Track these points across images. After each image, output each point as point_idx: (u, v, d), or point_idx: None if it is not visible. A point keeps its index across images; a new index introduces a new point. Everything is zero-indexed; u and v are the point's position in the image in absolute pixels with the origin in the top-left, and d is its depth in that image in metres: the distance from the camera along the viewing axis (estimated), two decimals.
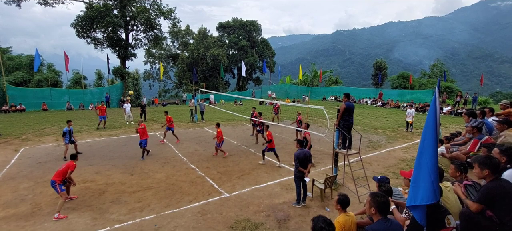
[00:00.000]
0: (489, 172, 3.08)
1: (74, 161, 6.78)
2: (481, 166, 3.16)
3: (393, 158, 10.51)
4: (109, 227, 5.67)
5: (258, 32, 53.86)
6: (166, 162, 10.02)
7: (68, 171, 6.44)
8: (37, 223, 5.83)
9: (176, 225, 5.77)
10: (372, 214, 3.12)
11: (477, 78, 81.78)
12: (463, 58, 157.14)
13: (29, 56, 33.50)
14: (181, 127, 17.09)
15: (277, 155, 9.63)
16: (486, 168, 3.09)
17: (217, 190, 7.53)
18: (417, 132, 15.48)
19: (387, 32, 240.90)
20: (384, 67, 43.92)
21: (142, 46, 37.23)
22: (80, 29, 31.26)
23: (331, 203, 6.71)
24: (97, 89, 33.81)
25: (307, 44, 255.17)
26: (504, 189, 2.94)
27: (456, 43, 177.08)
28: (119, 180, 8.26)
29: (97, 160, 10.13)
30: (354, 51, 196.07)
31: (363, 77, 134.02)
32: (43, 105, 25.60)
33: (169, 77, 51.37)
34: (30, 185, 7.84)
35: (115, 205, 6.62)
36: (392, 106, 28.04)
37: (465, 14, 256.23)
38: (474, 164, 3.27)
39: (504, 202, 2.90)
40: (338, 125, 7.40)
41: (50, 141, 12.96)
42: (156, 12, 35.14)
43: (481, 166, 3.16)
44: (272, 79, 52.85)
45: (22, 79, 30.88)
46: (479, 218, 3.02)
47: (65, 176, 6.41)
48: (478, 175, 3.22)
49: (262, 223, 5.83)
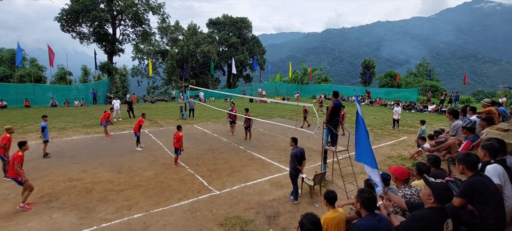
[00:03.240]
0: (464, 168, 3.22)
1: (20, 151, 6.29)
2: (458, 161, 3.31)
3: (380, 154, 10.74)
4: (96, 226, 5.57)
5: (249, 29, 53.70)
6: (154, 159, 9.90)
7: (15, 163, 6.08)
8: (20, 222, 5.66)
9: (165, 223, 5.72)
10: (360, 209, 3.19)
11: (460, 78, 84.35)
12: (448, 58, 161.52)
13: (10, 50, 32.16)
14: (171, 124, 16.90)
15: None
16: (461, 164, 3.24)
17: (207, 188, 7.51)
18: (403, 129, 15.87)
19: (375, 31, 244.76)
20: (372, 66, 44.67)
21: (130, 41, 36.57)
22: (65, 23, 30.35)
23: (321, 199, 6.81)
24: (83, 86, 32.93)
25: (297, 42, 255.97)
26: (483, 183, 3.06)
27: (441, 43, 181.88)
28: (107, 178, 8.11)
29: (83, 158, 9.90)
30: (343, 49, 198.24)
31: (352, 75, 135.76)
32: (26, 102, 24.67)
33: (158, 74, 50.54)
34: (12, 184, 7.53)
35: (103, 204, 6.50)
36: (379, 104, 28.61)
37: (450, 15, 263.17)
38: (456, 161, 3.40)
39: (484, 196, 3.02)
40: (327, 123, 7.51)
41: (33, 138, 12.54)
42: (145, 7, 34.53)
43: (458, 161, 3.31)
44: (262, 76, 52.85)
45: (3, 75, 29.67)
46: (460, 213, 3.14)
47: (14, 168, 6.07)
48: (460, 171, 3.35)
49: (252, 220, 5.86)
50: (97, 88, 30.98)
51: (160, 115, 20.48)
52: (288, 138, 13.10)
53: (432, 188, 2.68)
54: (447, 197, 2.71)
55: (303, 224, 2.97)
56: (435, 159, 4.60)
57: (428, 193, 2.70)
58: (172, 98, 35.97)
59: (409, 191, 3.69)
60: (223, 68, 54.27)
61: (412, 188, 3.74)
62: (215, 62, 43.46)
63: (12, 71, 29.50)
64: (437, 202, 2.66)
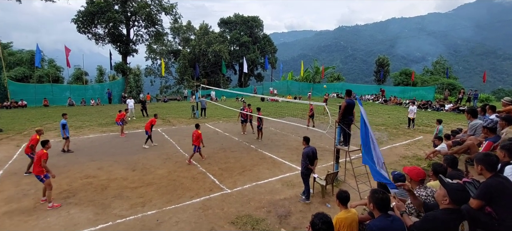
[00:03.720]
0: (482, 168, 3.10)
1: (44, 149, 6.50)
2: (477, 161, 3.19)
3: (395, 155, 10.51)
4: (112, 222, 5.72)
5: (260, 28, 53.57)
6: (167, 158, 10.07)
7: (42, 160, 6.28)
8: (40, 217, 5.89)
9: (177, 220, 5.81)
10: (372, 210, 3.13)
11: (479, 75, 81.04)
12: (466, 55, 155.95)
13: (30, 51, 33.50)
14: (183, 123, 17.13)
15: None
16: (481, 164, 3.12)
17: (218, 186, 7.57)
18: (419, 128, 15.46)
19: (389, 28, 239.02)
20: (387, 64, 43.72)
21: (143, 42, 37.22)
22: (81, 25, 31.24)
23: (333, 199, 6.74)
24: (98, 85, 33.88)
25: (309, 40, 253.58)
26: (503, 185, 2.95)
27: (459, 40, 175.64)
28: (121, 175, 8.32)
29: (99, 156, 10.19)
30: (357, 47, 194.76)
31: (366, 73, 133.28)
32: (45, 101, 25.66)
33: (170, 73, 51.31)
34: (32, 180, 7.85)
35: (118, 200, 6.67)
36: (394, 103, 27.97)
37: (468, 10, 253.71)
38: (475, 161, 3.29)
39: (503, 198, 2.90)
40: (339, 122, 7.42)
41: (51, 136, 13.01)
42: (157, 8, 35.06)
43: (477, 161, 3.19)
44: (273, 75, 52.70)
45: (23, 75, 30.94)
46: (478, 215, 3.03)
47: (40, 165, 6.28)
48: (478, 172, 3.24)
49: (263, 219, 5.86)
50: (112, 88, 31.81)
51: (173, 114, 20.80)
52: (299, 137, 13.04)
53: (448, 189, 2.60)
54: (463, 198, 2.63)
55: (314, 223, 2.94)
56: (452, 159, 4.46)
57: (443, 194, 2.62)
58: (184, 97, 36.44)
59: (424, 192, 3.59)
60: (235, 68, 54.44)
61: (428, 189, 3.64)
62: (226, 61, 43.70)
63: (31, 71, 30.71)
64: (453, 203, 2.58)
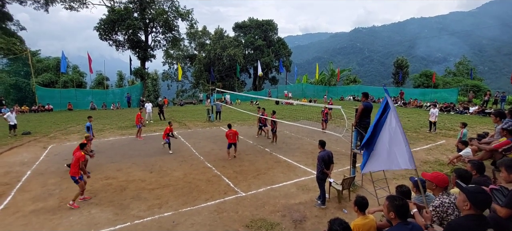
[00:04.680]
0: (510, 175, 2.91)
1: (82, 151, 6.82)
2: (508, 169, 2.98)
3: (415, 159, 10.00)
4: (130, 222, 5.87)
5: (274, 31, 53.68)
6: (183, 160, 10.23)
7: (80, 162, 6.58)
8: (64, 216, 6.14)
9: (193, 222, 5.88)
10: (391, 218, 3.01)
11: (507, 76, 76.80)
12: (492, 55, 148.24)
13: (56, 58, 35.41)
14: (198, 126, 17.39)
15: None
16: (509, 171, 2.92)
17: (233, 189, 7.59)
18: (441, 132, 14.83)
19: (408, 29, 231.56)
20: (406, 65, 42.37)
21: (160, 47, 38.29)
22: (103, 32, 32.62)
23: (349, 204, 6.58)
24: (118, 90, 35.13)
25: (324, 42, 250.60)
26: None
27: (484, 39, 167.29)
28: (139, 177, 8.53)
29: (118, 158, 10.52)
30: (374, 49, 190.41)
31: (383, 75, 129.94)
32: (69, 105, 26.93)
33: (186, 78, 52.38)
34: (57, 180, 8.27)
35: (136, 201, 6.85)
36: (414, 106, 27.03)
37: (494, 8, 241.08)
38: (501, 167, 3.09)
39: None
40: (356, 125, 7.25)
41: (75, 139, 13.60)
42: (174, 14, 35.99)
43: (508, 169, 2.98)
44: (288, 78, 52.48)
45: (50, 81, 32.70)
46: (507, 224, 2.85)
47: (78, 167, 6.57)
48: (506, 179, 3.04)
49: (278, 223, 5.81)
50: (131, 93, 32.89)
51: (188, 117, 21.16)
52: (314, 140, 12.88)
53: (466, 193, 2.48)
54: (483, 201, 2.48)
55: (333, 229, 2.87)
56: (479, 164, 4.21)
57: (463, 199, 2.50)
58: (200, 101, 37.03)
59: (447, 199, 3.42)
60: (249, 71, 54.75)
61: (451, 196, 3.46)
62: (241, 65, 44.05)
63: (57, 77, 32.37)
64: (474, 208, 2.44)
